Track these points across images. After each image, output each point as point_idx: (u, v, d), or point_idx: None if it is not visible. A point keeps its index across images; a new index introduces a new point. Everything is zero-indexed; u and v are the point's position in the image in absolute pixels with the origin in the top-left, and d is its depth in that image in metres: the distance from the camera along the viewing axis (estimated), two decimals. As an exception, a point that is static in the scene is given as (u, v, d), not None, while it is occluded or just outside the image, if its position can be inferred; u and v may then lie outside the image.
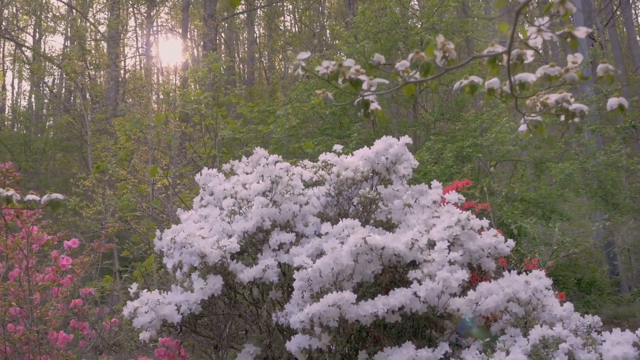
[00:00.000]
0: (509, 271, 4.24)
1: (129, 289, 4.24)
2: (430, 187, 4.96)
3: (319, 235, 4.31)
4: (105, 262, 8.24)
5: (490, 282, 4.19)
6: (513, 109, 10.59)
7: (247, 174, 5.01)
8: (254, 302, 4.53)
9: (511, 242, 4.52)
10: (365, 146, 4.74)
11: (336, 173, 4.53)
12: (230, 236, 4.35)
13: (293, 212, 4.57)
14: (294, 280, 3.96)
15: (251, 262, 4.34)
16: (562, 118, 1.85)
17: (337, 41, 16.14)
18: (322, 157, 4.84)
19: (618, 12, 21.48)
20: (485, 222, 4.45)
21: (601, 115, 12.16)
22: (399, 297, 3.82)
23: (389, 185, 4.64)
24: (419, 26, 11.03)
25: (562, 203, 9.56)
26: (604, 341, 3.67)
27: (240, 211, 4.69)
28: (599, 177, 9.75)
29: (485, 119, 9.61)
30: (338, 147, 5.03)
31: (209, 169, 5.18)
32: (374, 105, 1.90)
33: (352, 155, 4.83)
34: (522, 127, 1.95)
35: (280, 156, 4.69)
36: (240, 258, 4.40)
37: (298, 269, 3.92)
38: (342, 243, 3.98)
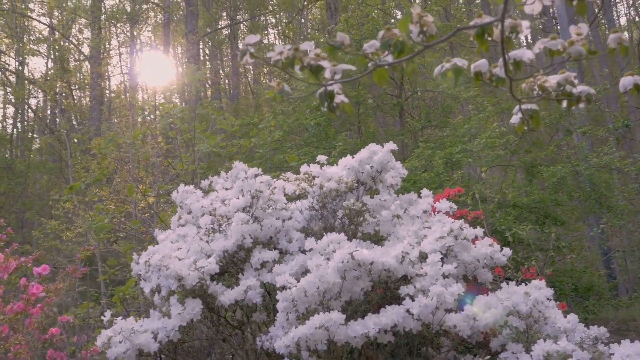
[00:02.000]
0: (507, 281, 3.99)
1: (101, 317, 3.95)
2: (420, 197, 4.72)
3: (304, 252, 4.05)
4: (91, 286, 7.94)
5: (487, 294, 3.94)
6: (501, 112, 10.39)
7: (226, 189, 4.74)
8: (239, 325, 4.25)
9: (507, 251, 4.28)
10: (349, 156, 4.48)
11: (319, 185, 4.27)
12: (209, 256, 4.08)
13: (275, 228, 4.31)
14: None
15: (233, 283, 4.07)
16: (565, 104, 1.59)
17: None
18: (304, 168, 4.57)
19: (600, 15, 21.40)
20: (479, 231, 4.19)
21: (590, 116, 11.99)
22: (390, 315, 3.56)
23: (375, 196, 4.38)
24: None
25: (556, 207, 9.32)
26: (613, 354, 3.42)
27: (221, 229, 4.43)
28: (592, 179, 9.51)
29: (473, 124, 9.38)
30: (322, 157, 4.76)
31: (187, 185, 4.91)
32: (340, 98, 1.62)
33: (337, 165, 4.57)
34: (515, 119, 1.68)
35: (261, 169, 4.41)
36: (221, 279, 4.13)
37: (281, 289, 3.65)
38: (328, 259, 3.72)
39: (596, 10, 20.56)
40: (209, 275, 3.94)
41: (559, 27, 16.04)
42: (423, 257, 3.85)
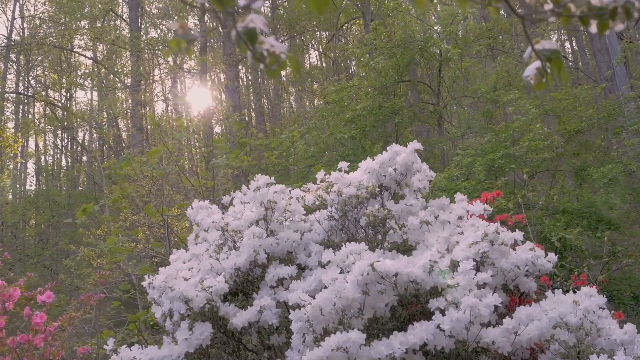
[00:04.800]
0: (553, 291, 3.54)
1: (104, 346, 3.63)
2: (454, 202, 4.29)
3: (324, 266, 3.67)
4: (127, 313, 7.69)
5: (530, 305, 3.48)
6: (545, 115, 9.86)
7: (244, 204, 4.40)
8: (255, 350, 3.88)
9: (553, 257, 3.80)
10: (369, 158, 4.09)
11: (337, 191, 3.88)
12: (220, 275, 3.73)
13: (293, 242, 3.94)
14: (297, 321, 3.31)
15: (247, 303, 3.71)
16: (593, 27, 1.16)
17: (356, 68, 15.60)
18: (320, 175, 4.19)
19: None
20: (518, 235, 3.74)
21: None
22: (419, 332, 3.14)
23: (401, 201, 3.97)
24: (435, 37, 10.39)
25: (609, 211, 8.75)
26: (679, 368, 2.94)
27: (236, 245, 4.08)
28: (646, 179, 8.94)
29: (515, 128, 8.89)
30: (344, 164, 4.37)
31: (204, 202, 4.58)
32: (274, 45, 1.20)
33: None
34: (530, 71, 1.27)
35: (273, 178, 4.04)
36: (235, 300, 3.77)
37: (295, 307, 3.27)
38: (347, 272, 3.33)
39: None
40: (219, 295, 3.59)
41: None
42: (455, 265, 3.43)
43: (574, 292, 3.50)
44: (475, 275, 3.31)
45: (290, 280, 3.69)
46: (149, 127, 22.28)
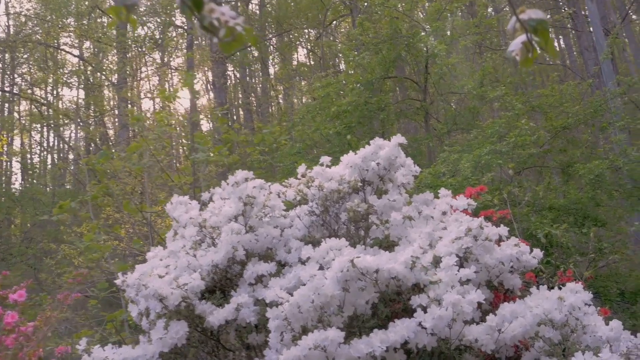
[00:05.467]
0: (538, 287, 3.45)
1: (76, 346, 3.52)
2: (438, 198, 4.20)
3: (304, 263, 3.57)
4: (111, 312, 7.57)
5: (515, 302, 3.40)
6: (531, 111, 9.80)
7: (223, 200, 4.30)
8: (233, 349, 3.78)
9: (538, 253, 3.72)
10: (351, 152, 3.99)
11: (318, 186, 3.78)
12: (196, 272, 3.62)
13: (273, 238, 3.84)
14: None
15: (224, 301, 3.60)
16: None
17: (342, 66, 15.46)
18: (301, 169, 4.09)
19: (631, 11, 20.67)
20: (503, 230, 3.65)
21: (627, 108, 11.32)
22: (400, 330, 3.05)
23: (384, 196, 3.88)
24: (422, 34, 10.30)
25: (595, 207, 8.70)
26: (666, 366, 2.86)
27: (215, 241, 3.98)
28: (633, 175, 8.86)
29: (502, 124, 8.82)
30: (326, 159, 4.27)
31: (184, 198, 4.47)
32: (224, 16, 1.09)
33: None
34: (515, 45, 1.18)
35: (252, 174, 3.94)
36: (212, 297, 3.66)
37: (272, 305, 3.17)
38: (327, 268, 3.24)
39: (627, 6, 19.85)
40: (196, 293, 3.49)
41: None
42: (437, 261, 3.34)
43: (559, 288, 3.41)
44: (458, 271, 3.22)
45: (269, 277, 3.59)
46: (141, 125, 22.04)
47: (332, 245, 3.34)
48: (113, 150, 6.77)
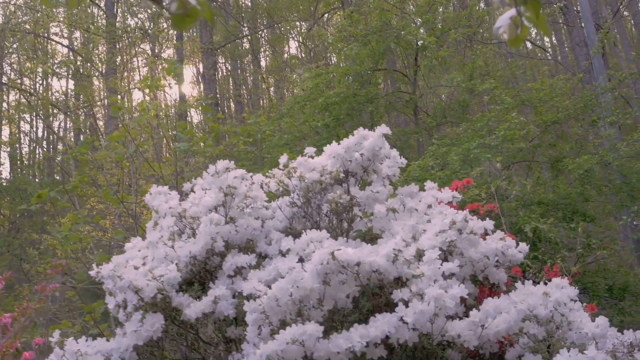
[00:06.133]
0: (521, 281, 3.37)
1: (49, 338, 3.42)
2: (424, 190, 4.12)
3: (285, 255, 3.48)
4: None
5: (500, 297, 3.32)
6: (521, 105, 9.72)
7: (204, 190, 4.19)
8: (211, 343, 3.69)
9: (524, 247, 3.64)
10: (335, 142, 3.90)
11: (298, 176, 3.69)
12: (173, 263, 3.53)
13: (253, 229, 3.75)
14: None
15: (202, 293, 3.51)
16: None
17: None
18: (283, 159, 3.99)
19: (622, 7, 20.63)
20: (489, 224, 3.58)
21: (617, 103, 11.26)
22: (381, 325, 2.97)
23: (367, 187, 3.79)
24: (412, 25, 10.20)
25: (584, 203, 8.62)
26: (653, 364, 2.79)
27: (195, 232, 3.88)
28: (622, 171, 8.79)
29: (491, 117, 8.73)
30: (311, 149, 4.17)
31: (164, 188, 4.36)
32: None
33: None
34: (502, 21, 1.08)
35: (233, 162, 3.84)
36: (190, 290, 3.57)
37: (249, 298, 3.08)
38: (308, 261, 3.15)
39: (618, 2, 19.80)
40: (172, 285, 3.39)
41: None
42: (420, 255, 3.25)
43: (545, 284, 3.34)
44: (442, 265, 3.14)
45: (249, 269, 3.50)
46: (125, 115, 21.88)
47: (312, 237, 3.25)
48: (101, 141, 6.64)
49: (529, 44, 23.07)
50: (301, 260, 3.27)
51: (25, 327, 4.68)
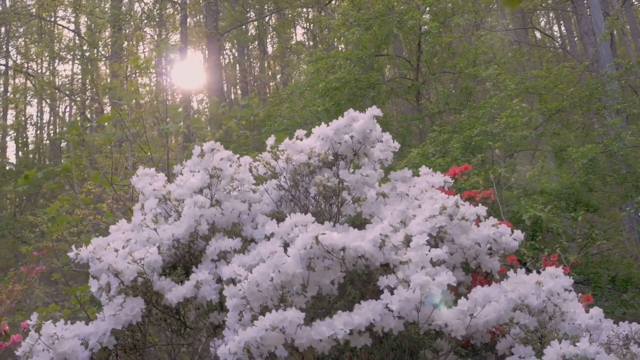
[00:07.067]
0: (514, 269, 3.26)
1: (27, 321, 3.33)
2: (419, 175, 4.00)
3: (269, 239, 3.37)
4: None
5: (490, 284, 3.20)
6: (525, 92, 9.55)
7: (192, 172, 4.08)
8: (193, 328, 3.59)
9: (519, 234, 3.51)
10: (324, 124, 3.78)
11: (285, 158, 3.58)
12: (158, 247, 3.42)
13: (239, 213, 3.64)
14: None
15: (185, 278, 3.41)
16: None
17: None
18: (270, 141, 3.86)
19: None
20: (481, 209, 3.44)
21: (623, 92, 11.06)
22: (365, 312, 2.86)
23: (356, 171, 3.67)
24: (415, 10, 10.03)
25: (588, 193, 8.47)
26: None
27: (181, 215, 3.77)
28: (627, 161, 8.63)
29: (494, 104, 8.58)
30: (301, 132, 4.05)
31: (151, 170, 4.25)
32: None
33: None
34: None
35: (220, 143, 3.72)
36: (173, 274, 3.47)
37: (230, 282, 2.98)
38: (291, 245, 3.04)
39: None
40: (153, 268, 3.29)
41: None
42: (409, 240, 3.13)
43: (539, 272, 3.22)
44: (430, 251, 3.02)
45: (233, 253, 3.40)
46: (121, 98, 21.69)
47: (297, 220, 3.14)
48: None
49: (537, 34, 22.82)
50: (286, 244, 3.16)
51: (11, 309, 4.60)
